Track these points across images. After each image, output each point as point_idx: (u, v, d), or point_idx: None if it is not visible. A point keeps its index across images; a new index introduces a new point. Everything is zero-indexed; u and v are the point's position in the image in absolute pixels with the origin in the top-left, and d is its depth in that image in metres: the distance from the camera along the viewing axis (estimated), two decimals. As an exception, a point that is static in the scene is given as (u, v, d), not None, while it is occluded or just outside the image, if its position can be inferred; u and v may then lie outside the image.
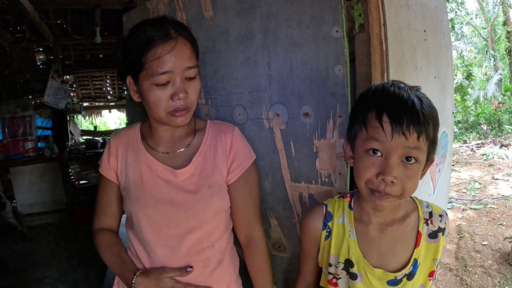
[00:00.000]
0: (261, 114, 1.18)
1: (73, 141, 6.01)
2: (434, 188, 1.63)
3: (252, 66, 1.17)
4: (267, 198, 1.23)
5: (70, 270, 3.20)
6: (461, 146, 8.67)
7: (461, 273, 3.01)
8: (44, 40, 4.63)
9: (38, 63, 5.21)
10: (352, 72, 1.08)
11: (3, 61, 5.04)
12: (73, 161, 4.92)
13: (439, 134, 1.60)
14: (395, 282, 0.88)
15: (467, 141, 9.21)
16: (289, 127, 1.13)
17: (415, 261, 0.88)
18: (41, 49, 5.08)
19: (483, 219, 4.06)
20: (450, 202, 4.74)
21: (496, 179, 5.63)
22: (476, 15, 15.28)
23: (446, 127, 1.67)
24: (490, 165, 6.47)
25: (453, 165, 6.94)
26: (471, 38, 14.77)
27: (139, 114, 1.46)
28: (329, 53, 1.02)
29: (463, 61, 14.01)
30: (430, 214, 0.90)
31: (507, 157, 6.82)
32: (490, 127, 9.79)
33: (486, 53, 13.39)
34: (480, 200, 4.67)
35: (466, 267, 3.08)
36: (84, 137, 6.52)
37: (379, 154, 0.77)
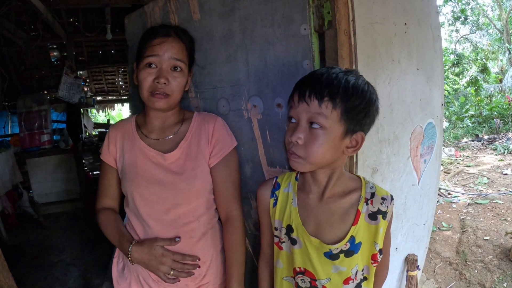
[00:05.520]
0: (241, 105, 1.30)
1: (87, 134, 6.21)
2: (419, 179, 1.66)
3: (233, 63, 1.29)
4: (248, 181, 1.34)
5: (82, 254, 3.40)
6: (473, 141, 8.54)
7: (460, 267, 3.03)
8: (58, 38, 4.83)
9: (52, 60, 5.41)
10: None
11: (19, 59, 5.26)
12: (87, 153, 5.12)
13: (424, 125, 1.65)
14: (332, 256, 0.93)
15: (479, 136, 9.07)
16: (264, 117, 1.24)
17: (352, 238, 0.92)
18: (55, 46, 5.26)
19: (488, 214, 4.02)
20: (455, 196, 4.73)
21: (505, 174, 5.55)
22: (492, 9, 14.85)
23: (433, 119, 1.69)
24: (500, 160, 6.39)
25: (462, 160, 6.87)
26: (487, 30, 14.37)
27: (140, 107, 1.59)
28: (298, 49, 1.12)
29: (478, 54, 13.67)
30: (372, 195, 0.95)
31: (518, 152, 6.72)
32: (503, 121, 9.59)
33: (502, 46, 13.03)
34: (486, 195, 4.62)
35: (466, 261, 3.10)
36: (97, 130, 6.74)
37: (294, 121, 0.90)
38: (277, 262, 1.06)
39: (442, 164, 6.20)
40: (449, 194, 4.84)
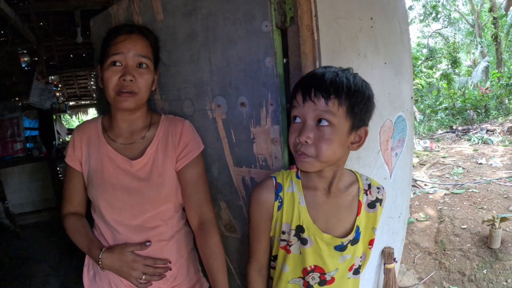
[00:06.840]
0: (205, 105, 1.28)
1: (60, 140, 6.06)
2: (390, 172, 1.68)
3: (196, 63, 1.28)
4: (216, 182, 1.33)
5: (60, 264, 3.30)
6: (448, 132, 8.75)
7: (440, 257, 3.07)
8: (28, 43, 4.69)
9: (23, 65, 5.25)
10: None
11: (-12, 66, 5.07)
12: (61, 160, 4.97)
13: (394, 119, 1.66)
14: (341, 247, 0.98)
15: (454, 127, 9.31)
16: (229, 117, 1.23)
17: (357, 228, 0.99)
18: (25, 52, 5.11)
19: (464, 203, 4.05)
20: (432, 187, 4.83)
21: (480, 163, 5.68)
22: (463, 3, 15.27)
23: (403, 112, 1.70)
24: (475, 150, 6.55)
25: (437, 151, 7.03)
26: (458, 25, 14.78)
27: (107, 110, 1.56)
28: (260, 46, 1.11)
29: (449, 48, 14.02)
30: (369, 186, 1.02)
31: (492, 142, 6.91)
32: (476, 112, 9.89)
33: (474, 40, 13.44)
34: (462, 184, 4.67)
35: (445, 250, 3.13)
36: (71, 136, 6.58)
37: (299, 120, 0.90)
38: (283, 266, 1.04)
39: (417, 156, 6.34)
40: (425, 185, 4.94)
